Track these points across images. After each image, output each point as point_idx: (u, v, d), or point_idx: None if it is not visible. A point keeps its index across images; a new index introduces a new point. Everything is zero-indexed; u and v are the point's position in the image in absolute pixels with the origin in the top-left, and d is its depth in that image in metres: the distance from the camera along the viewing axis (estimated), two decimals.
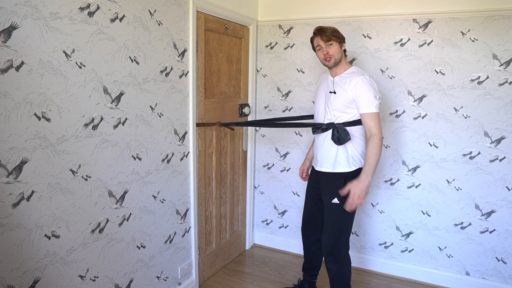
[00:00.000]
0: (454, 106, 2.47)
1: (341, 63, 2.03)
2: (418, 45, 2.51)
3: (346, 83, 1.96)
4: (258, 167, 3.17)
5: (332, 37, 1.97)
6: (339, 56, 2.00)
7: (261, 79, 3.07)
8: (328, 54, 1.99)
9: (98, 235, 1.75)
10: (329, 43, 1.98)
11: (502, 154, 2.39)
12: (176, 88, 2.17)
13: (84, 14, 1.57)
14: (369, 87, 1.92)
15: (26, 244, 1.44)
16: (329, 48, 1.98)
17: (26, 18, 1.35)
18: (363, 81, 1.92)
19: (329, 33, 1.97)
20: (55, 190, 1.52)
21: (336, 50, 1.98)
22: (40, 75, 1.42)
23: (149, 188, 2.05)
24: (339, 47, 1.99)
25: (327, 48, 1.99)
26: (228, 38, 2.68)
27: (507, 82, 2.33)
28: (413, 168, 2.63)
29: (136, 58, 1.86)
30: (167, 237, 2.23)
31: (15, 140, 1.35)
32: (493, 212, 2.46)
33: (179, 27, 2.15)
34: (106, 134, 1.74)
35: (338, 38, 1.98)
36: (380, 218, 2.79)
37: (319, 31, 2.00)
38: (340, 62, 2.02)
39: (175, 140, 2.21)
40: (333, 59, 1.99)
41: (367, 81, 1.93)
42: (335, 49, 1.98)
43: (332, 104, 2.01)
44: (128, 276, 1.96)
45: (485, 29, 2.33)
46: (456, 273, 2.62)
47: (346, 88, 1.95)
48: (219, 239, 2.80)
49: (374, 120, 1.92)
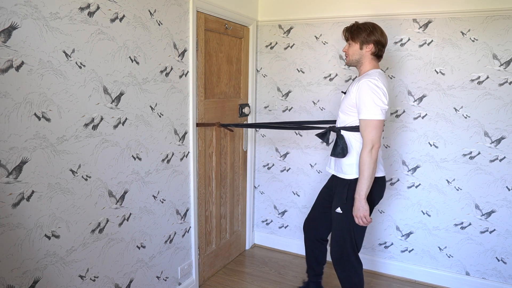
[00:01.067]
0: (454, 106, 2.47)
1: (363, 65, 1.94)
2: (418, 45, 2.51)
3: (354, 84, 1.89)
4: (258, 167, 3.17)
5: (350, 38, 1.94)
6: (356, 58, 1.94)
7: (261, 79, 3.07)
8: (346, 52, 1.98)
9: (98, 235, 1.75)
10: (348, 42, 1.97)
11: (502, 154, 2.39)
12: (176, 88, 2.17)
13: (84, 14, 1.57)
14: (371, 91, 1.76)
15: (26, 244, 1.44)
16: (348, 47, 1.97)
17: (26, 18, 1.35)
18: (367, 84, 1.78)
19: (348, 33, 1.94)
20: (55, 190, 1.52)
21: (353, 51, 1.93)
22: (40, 75, 1.42)
23: (149, 188, 2.05)
24: (357, 48, 1.92)
25: (347, 46, 1.98)
26: (228, 38, 2.68)
27: (507, 82, 2.33)
28: (413, 168, 2.64)
29: (136, 58, 1.86)
30: (167, 237, 2.23)
31: (15, 140, 1.35)
32: (493, 212, 2.46)
33: (179, 27, 2.15)
34: (106, 134, 1.74)
35: (356, 39, 1.91)
36: (380, 218, 2.79)
37: (345, 28, 1.99)
38: (361, 64, 1.94)
39: (175, 140, 2.21)
40: (349, 58, 1.96)
41: (371, 85, 1.77)
42: (353, 49, 1.94)
43: (341, 105, 1.97)
44: (128, 276, 1.96)
45: (485, 29, 2.33)
46: (456, 273, 2.62)
47: (353, 90, 1.86)
48: (219, 239, 2.80)
49: (367, 127, 1.77)
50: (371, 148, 1.77)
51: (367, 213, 1.82)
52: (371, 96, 1.76)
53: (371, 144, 1.77)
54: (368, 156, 1.77)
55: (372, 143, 1.76)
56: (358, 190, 1.81)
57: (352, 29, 1.93)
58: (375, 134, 1.76)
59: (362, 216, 1.83)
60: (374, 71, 1.88)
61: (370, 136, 1.77)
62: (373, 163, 1.78)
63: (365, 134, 1.79)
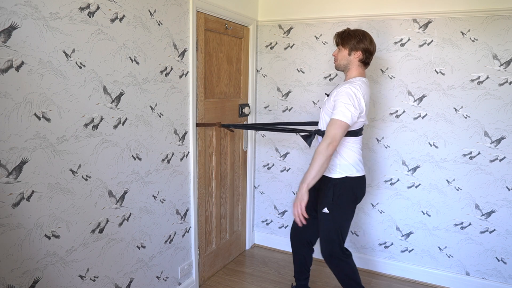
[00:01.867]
0: (454, 106, 2.47)
1: (350, 70, 2.00)
2: (418, 45, 2.51)
3: (336, 88, 1.95)
4: (258, 167, 3.17)
5: (340, 43, 2.00)
6: (344, 63, 2.00)
7: (261, 79, 3.07)
8: (335, 57, 2.04)
9: (98, 235, 1.75)
10: (338, 47, 2.03)
11: (502, 154, 2.39)
12: (176, 88, 2.17)
13: (84, 14, 1.57)
14: (347, 97, 1.84)
15: (26, 244, 1.44)
16: (338, 51, 2.03)
17: (26, 18, 1.35)
18: (347, 89, 1.86)
19: (339, 38, 2.01)
20: (55, 190, 1.52)
21: (342, 56, 2.00)
22: (40, 75, 1.42)
23: (149, 188, 2.05)
24: (346, 54, 1.98)
25: (337, 51, 2.03)
26: (228, 38, 2.68)
27: (507, 82, 2.33)
28: (413, 168, 2.63)
29: (136, 58, 1.86)
30: (167, 237, 2.23)
31: (15, 140, 1.35)
32: (493, 212, 2.46)
33: (179, 27, 2.15)
34: (106, 134, 1.74)
35: (346, 45, 1.97)
36: (380, 218, 2.79)
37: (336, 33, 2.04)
38: (348, 69, 2.00)
39: (175, 140, 2.21)
40: (338, 63, 2.03)
41: (350, 91, 1.85)
42: (341, 54, 2.00)
43: (323, 107, 2.04)
44: (128, 276, 1.96)
45: (485, 29, 2.33)
46: (456, 273, 2.62)
47: (334, 94, 1.93)
48: (219, 239, 2.80)
49: (334, 125, 1.83)
50: (329, 143, 1.83)
51: (303, 203, 1.85)
52: (346, 101, 1.84)
53: (331, 139, 1.83)
54: (325, 149, 1.82)
55: (332, 139, 1.83)
56: (304, 179, 1.86)
57: (343, 35, 2.00)
58: (338, 133, 1.83)
59: (298, 204, 1.86)
60: (358, 79, 1.95)
61: (332, 133, 1.83)
62: (328, 157, 1.83)
63: (329, 129, 1.85)
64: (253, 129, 2.89)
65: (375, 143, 2.72)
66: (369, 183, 2.77)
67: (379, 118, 2.68)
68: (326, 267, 2.89)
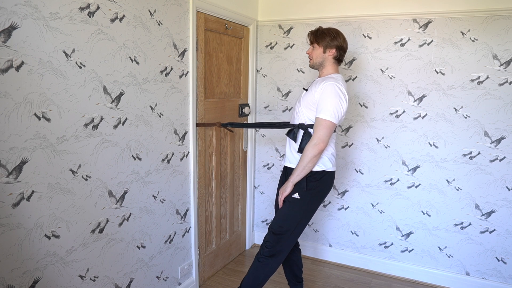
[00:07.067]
0: (454, 106, 2.47)
1: (325, 67, 2.03)
2: (418, 45, 2.51)
3: (318, 83, 1.96)
4: (258, 167, 3.17)
5: (314, 41, 2.03)
6: (319, 61, 2.03)
7: (261, 79, 3.07)
8: (310, 55, 2.07)
9: (98, 235, 1.75)
10: (312, 46, 2.05)
11: (502, 154, 2.39)
12: (176, 88, 2.17)
13: (84, 14, 1.57)
14: (335, 96, 1.86)
15: (26, 244, 1.44)
16: (312, 50, 2.05)
17: (26, 18, 1.35)
18: (332, 87, 1.87)
19: (314, 36, 2.03)
20: (55, 190, 1.52)
21: (317, 54, 2.03)
22: (40, 75, 1.42)
23: (149, 188, 2.05)
24: (321, 52, 2.01)
25: (311, 49, 2.06)
26: (228, 38, 2.68)
27: (507, 82, 2.33)
28: (413, 168, 2.64)
29: (136, 58, 1.86)
30: (167, 237, 2.23)
31: (15, 140, 1.35)
32: (493, 212, 2.46)
33: (179, 27, 2.15)
34: (106, 134, 1.74)
35: (321, 43, 2.00)
36: (380, 218, 2.79)
37: (310, 32, 2.07)
38: (323, 66, 2.04)
39: (175, 140, 2.21)
40: (313, 61, 2.06)
41: (337, 89, 1.87)
42: (315, 52, 2.03)
43: (301, 101, 2.04)
44: (128, 276, 1.96)
45: (485, 29, 2.33)
46: (456, 273, 2.62)
47: (316, 89, 1.94)
48: (219, 239, 2.80)
49: (321, 125, 1.87)
50: (316, 144, 1.87)
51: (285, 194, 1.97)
52: (335, 100, 1.87)
53: (317, 140, 1.88)
54: (312, 149, 1.88)
55: (318, 140, 1.87)
56: (293, 175, 1.94)
57: (317, 33, 2.03)
58: (324, 133, 1.88)
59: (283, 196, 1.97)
60: (337, 76, 2.00)
61: (319, 134, 1.88)
62: (312, 157, 1.89)
63: (316, 130, 1.89)
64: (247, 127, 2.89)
65: (375, 143, 2.72)
66: (369, 183, 2.77)
67: (379, 118, 2.68)
68: (326, 267, 2.89)
